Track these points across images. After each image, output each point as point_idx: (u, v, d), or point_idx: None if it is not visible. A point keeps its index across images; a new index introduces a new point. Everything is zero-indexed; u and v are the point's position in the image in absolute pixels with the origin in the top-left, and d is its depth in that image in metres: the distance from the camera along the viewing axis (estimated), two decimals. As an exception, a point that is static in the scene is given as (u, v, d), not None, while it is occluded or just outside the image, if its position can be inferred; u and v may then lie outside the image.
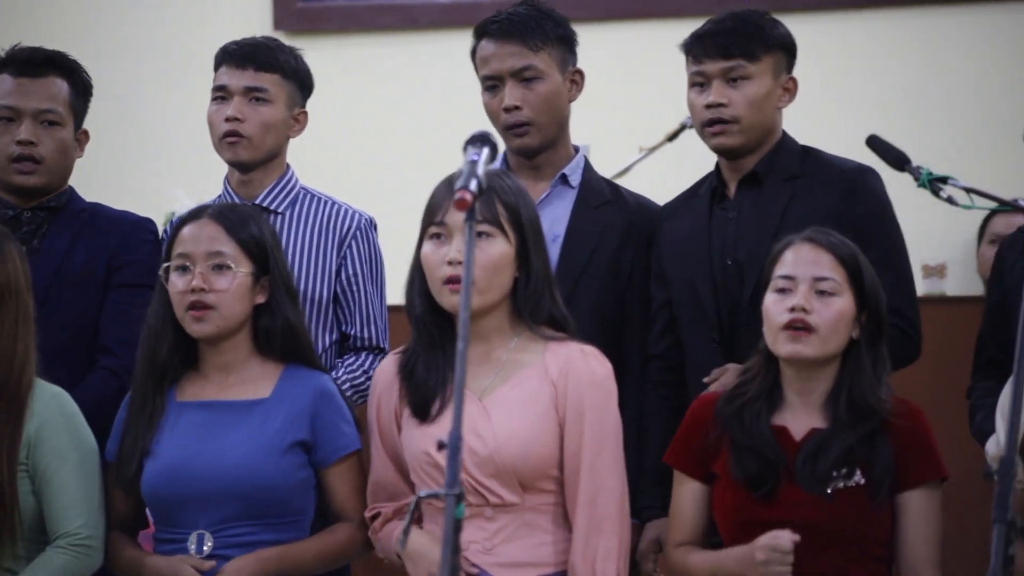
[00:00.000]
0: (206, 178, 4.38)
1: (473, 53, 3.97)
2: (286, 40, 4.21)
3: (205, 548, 3.57)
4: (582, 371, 3.46)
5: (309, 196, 4.11)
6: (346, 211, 4.08)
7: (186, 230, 3.65)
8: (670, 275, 3.88)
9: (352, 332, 4.03)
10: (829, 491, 3.32)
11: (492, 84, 3.92)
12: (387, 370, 3.59)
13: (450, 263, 3.43)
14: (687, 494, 3.50)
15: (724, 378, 3.68)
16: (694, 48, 3.84)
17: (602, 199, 3.95)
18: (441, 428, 3.44)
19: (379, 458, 3.59)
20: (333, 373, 3.95)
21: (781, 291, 3.40)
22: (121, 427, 3.67)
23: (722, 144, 3.82)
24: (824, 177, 3.81)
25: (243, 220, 3.67)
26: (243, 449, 3.58)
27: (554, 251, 3.85)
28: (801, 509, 3.33)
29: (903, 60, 6.51)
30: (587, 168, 3.99)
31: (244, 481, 3.56)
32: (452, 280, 3.43)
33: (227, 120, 4.01)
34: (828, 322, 3.37)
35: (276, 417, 3.60)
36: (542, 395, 3.47)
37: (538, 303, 3.48)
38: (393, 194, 5.32)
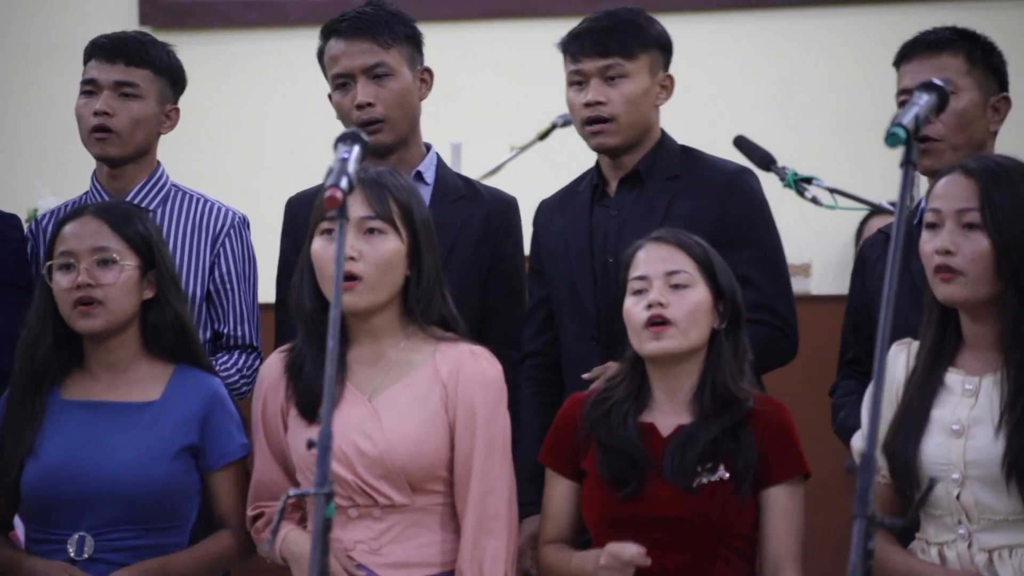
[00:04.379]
0: (69, 173, 4.32)
1: (320, 53, 3.96)
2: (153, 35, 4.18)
3: (85, 551, 3.51)
4: (472, 372, 3.46)
5: (180, 193, 4.07)
6: (219, 208, 4.06)
7: (68, 228, 3.60)
8: (550, 271, 3.90)
9: (225, 331, 4.00)
10: (694, 485, 3.36)
11: (343, 82, 3.92)
12: (273, 368, 3.56)
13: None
14: (558, 492, 3.51)
15: (606, 375, 3.68)
16: (571, 47, 3.85)
17: (458, 194, 3.96)
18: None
19: (263, 457, 3.56)
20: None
21: (638, 292, 3.44)
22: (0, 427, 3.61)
23: (601, 144, 3.84)
24: (704, 178, 3.83)
25: (126, 215, 3.64)
26: (132, 452, 3.53)
27: None
28: (666, 505, 3.36)
29: (770, 61, 6.59)
30: (440, 164, 4.00)
31: (131, 485, 3.51)
32: (348, 277, 3.41)
33: (96, 114, 3.97)
34: (685, 313, 3.40)
35: (166, 421, 3.56)
36: (432, 396, 3.46)
37: (429, 303, 3.48)
38: (261, 191, 5.27)
